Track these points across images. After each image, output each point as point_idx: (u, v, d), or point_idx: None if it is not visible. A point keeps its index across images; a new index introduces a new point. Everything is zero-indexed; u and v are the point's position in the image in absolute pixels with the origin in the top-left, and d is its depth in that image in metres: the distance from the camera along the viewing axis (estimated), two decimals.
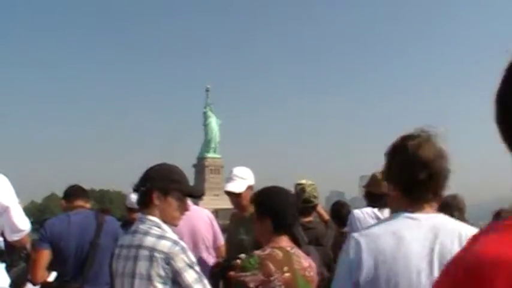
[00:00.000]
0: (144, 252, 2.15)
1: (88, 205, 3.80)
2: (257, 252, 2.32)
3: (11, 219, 2.68)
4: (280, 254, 2.27)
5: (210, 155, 48.31)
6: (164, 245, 2.15)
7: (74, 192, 3.82)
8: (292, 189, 3.41)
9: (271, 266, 2.21)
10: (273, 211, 2.39)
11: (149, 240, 2.18)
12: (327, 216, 4.19)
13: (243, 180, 3.39)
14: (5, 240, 2.81)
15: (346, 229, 4.13)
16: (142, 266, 2.13)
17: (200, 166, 46.96)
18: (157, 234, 2.20)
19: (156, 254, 2.13)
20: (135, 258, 2.16)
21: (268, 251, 2.30)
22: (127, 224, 4.05)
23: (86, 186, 4.23)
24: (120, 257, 2.24)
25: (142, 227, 2.22)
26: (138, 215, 2.40)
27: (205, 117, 49.96)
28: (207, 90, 51.82)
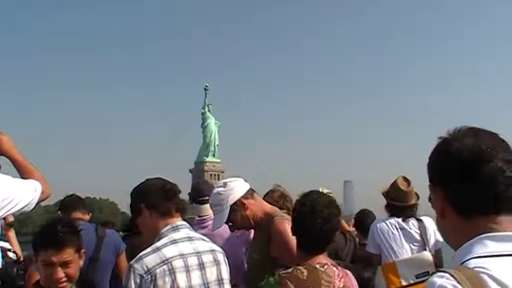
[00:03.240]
0: (221, 256, 2.21)
1: (87, 217, 3.63)
2: (279, 270, 2.19)
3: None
4: (305, 272, 2.12)
5: (209, 159, 46.99)
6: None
7: (71, 204, 3.62)
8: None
9: (291, 286, 2.07)
10: (300, 231, 2.26)
11: (214, 245, 2.24)
12: (347, 227, 3.94)
13: (219, 208, 2.64)
14: (3, 256, 2.63)
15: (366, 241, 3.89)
16: (224, 270, 2.19)
17: (199, 171, 45.41)
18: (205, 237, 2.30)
19: (225, 257, 2.25)
20: (217, 264, 2.17)
21: (291, 269, 2.14)
22: (129, 236, 3.73)
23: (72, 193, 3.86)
24: (193, 267, 2.07)
25: (192, 232, 2.24)
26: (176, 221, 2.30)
27: (204, 118, 48.02)
28: (206, 89, 49.56)
